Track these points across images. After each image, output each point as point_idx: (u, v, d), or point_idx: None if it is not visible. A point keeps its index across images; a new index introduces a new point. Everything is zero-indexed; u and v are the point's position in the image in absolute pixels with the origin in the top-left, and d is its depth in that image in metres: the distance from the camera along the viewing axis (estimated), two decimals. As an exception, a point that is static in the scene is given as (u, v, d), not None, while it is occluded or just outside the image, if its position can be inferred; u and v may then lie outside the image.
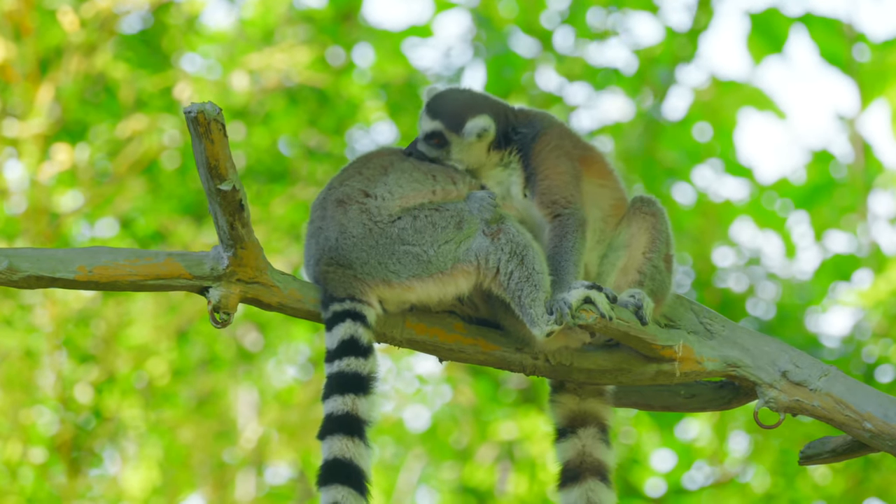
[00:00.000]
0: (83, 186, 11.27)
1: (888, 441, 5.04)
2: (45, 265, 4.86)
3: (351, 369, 4.90)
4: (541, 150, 5.17)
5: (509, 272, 4.95)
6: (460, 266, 4.98)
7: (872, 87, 14.33)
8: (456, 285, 5.00)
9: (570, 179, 5.12)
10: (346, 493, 4.78)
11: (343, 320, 4.94)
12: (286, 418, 13.11)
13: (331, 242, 5.00)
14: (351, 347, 4.92)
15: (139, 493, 12.35)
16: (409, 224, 5.00)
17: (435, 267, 4.97)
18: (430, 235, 4.99)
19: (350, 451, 4.82)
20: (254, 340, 13.16)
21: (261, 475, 13.26)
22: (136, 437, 12.04)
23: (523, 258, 4.95)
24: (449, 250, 4.98)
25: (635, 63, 13.62)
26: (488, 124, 5.13)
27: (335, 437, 4.83)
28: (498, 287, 4.98)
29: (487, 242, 4.97)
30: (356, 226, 5.01)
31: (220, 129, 4.75)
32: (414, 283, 4.98)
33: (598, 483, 5.19)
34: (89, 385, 11.20)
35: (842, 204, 14.09)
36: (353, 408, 4.86)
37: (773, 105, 14.55)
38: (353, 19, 13.09)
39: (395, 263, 4.98)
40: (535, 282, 4.94)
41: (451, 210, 5.03)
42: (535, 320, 4.94)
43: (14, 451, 10.97)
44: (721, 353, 5.17)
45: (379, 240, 5.00)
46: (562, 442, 5.25)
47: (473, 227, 5.00)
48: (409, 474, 14.11)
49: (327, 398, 4.89)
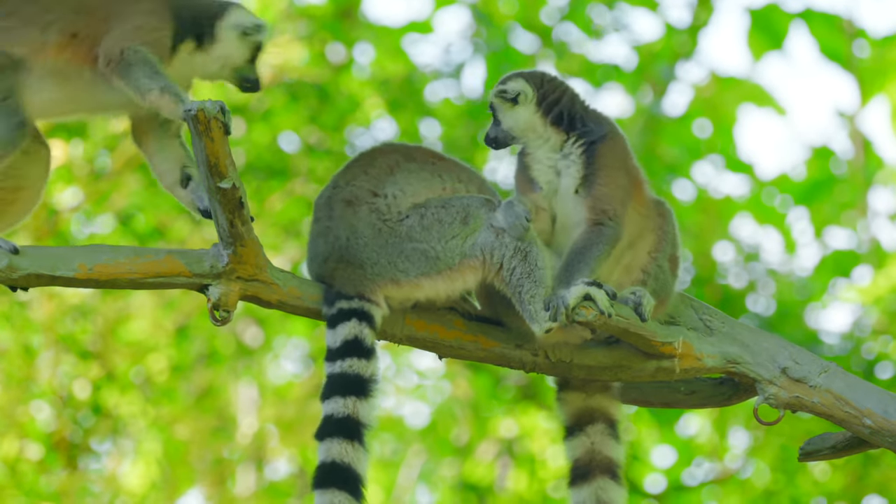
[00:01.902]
0: (79, 183, 11.26)
1: (888, 437, 5.04)
2: (45, 263, 4.87)
3: (353, 371, 4.91)
4: (606, 154, 5.15)
5: (512, 268, 4.97)
6: (467, 261, 5.01)
7: (872, 82, 14.33)
8: (464, 281, 5.04)
9: (623, 195, 5.13)
10: (343, 497, 4.80)
11: (349, 318, 4.95)
12: (284, 413, 13.11)
13: (341, 242, 5.01)
14: (355, 348, 4.92)
15: (138, 489, 12.35)
16: (417, 222, 5.02)
17: (444, 263, 4.99)
18: (437, 231, 5.01)
19: (349, 456, 4.83)
20: (254, 336, 13.16)
21: (260, 471, 13.26)
22: (135, 433, 12.04)
23: (527, 255, 4.97)
24: (456, 245, 5.00)
25: (635, 59, 13.62)
26: (522, 87, 5.12)
27: (334, 440, 4.83)
28: (500, 282, 5.00)
29: (493, 238, 4.99)
30: (366, 226, 5.02)
31: (219, 126, 4.75)
32: (423, 280, 5.00)
33: (608, 481, 5.20)
34: (87, 381, 11.20)
35: (842, 200, 14.08)
36: (353, 411, 4.86)
37: (773, 101, 14.55)
38: (352, 16, 13.08)
39: (405, 262, 4.99)
40: (537, 278, 4.95)
41: (457, 205, 5.05)
42: (535, 317, 4.95)
43: (11, 447, 10.97)
44: (721, 350, 5.17)
45: (389, 239, 5.02)
46: (571, 440, 5.26)
47: (479, 221, 5.02)
48: (409, 470, 14.12)
49: (328, 398, 4.89)
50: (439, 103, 12.88)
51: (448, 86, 13.14)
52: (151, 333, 11.71)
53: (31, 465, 11.05)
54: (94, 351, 11.29)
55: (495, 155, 12.90)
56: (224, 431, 12.98)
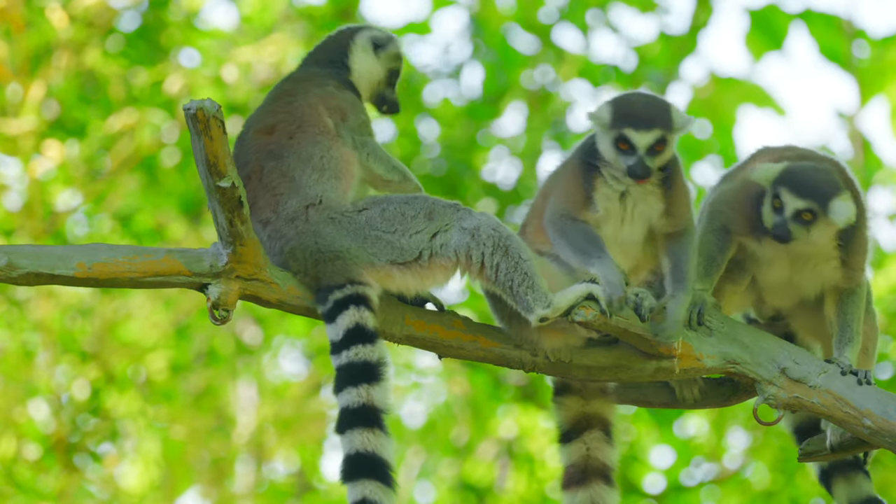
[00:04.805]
0: (77, 183, 11.26)
1: (887, 438, 5.04)
2: (44, 262, 4.86)
3: (360, 358, 4.90)
4: (677, 178, 5.24)
5: (495, 264, 4.96)
6: (437, 261, 5.00)
7: (872, 83, 14.32)
8: (434, 279, 5.04)
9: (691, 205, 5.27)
10: (374, 487, 4.80)
11: (346, 307, 4.94)
12: (282, 412, 13.11)
13: (311, 248, 5.01)
14: (357, 335, 4.92)
15: (136, 488, 12.35)
16: (378, 214, 5.04)
17: (409, 254, 4.98)
18: (400, 224, 5.02)
19: (372, 444, 4.83)
20: (253, 334, 13.16)
21: (259, 471, 13.26)
22: (134, 433, 12.03)
23: (507, 249, 4.96)
24: (421, 240, 5.00)
25: (634, 60, 13.62)
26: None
27: (355, 430, 4.83)
28: (486, 281, 5.00)
29: (468, 238, 4.98)
30: (325, 224, 5.03)
31: (219, 125, 4.76)
32: (393, 270, 5.00)
33: (602, 486, 5.21)
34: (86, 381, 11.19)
35: (841, 200, 14.04)
36: (367, 398, 4.86)
37: (773, 102, 14.54)
38: (351, 16, 13.08)
39: (372, 247, 5.01)
40: (524, 269, 4.94)
41: (421, 202, 5.06)
42: (530, 306, 4.94)
43: (9, 447, 10.96)
44: (720, 350, 5.17)
45: (349, 227, 5.02)
46: (566, 446, 5.28)
47: (446, 219, 5.01)
48: (408, 470, 14.12)
49: (340, 391, 4.89)
50: (438, 104, 12.88)
51: (447, 86, 13.15)
52: (149, 333, 11.70)
53: (29, 466, 11.04)
54: (93, 351, 11.29)
55: (494, 155, 12.91)
56: (223, 431, 12.98)
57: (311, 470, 13.95)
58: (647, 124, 5.05)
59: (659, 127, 5.06)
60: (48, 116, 11.19)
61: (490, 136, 12.98)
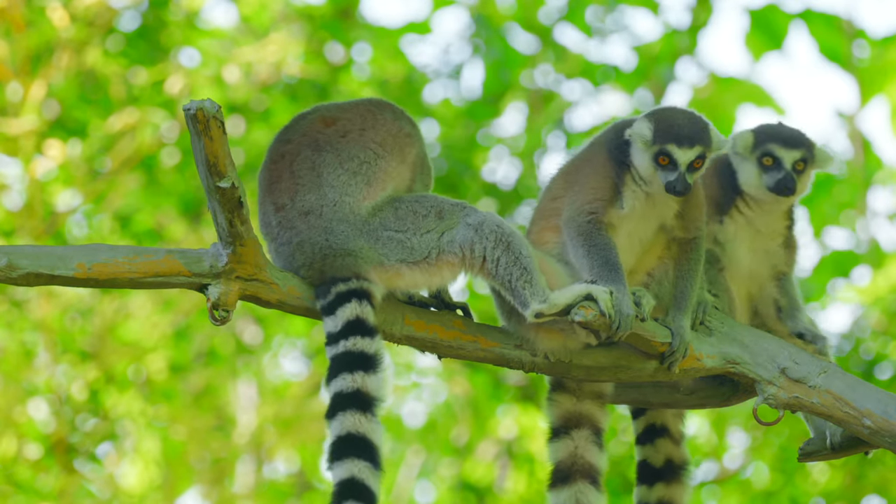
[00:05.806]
0: (77, 183, 11.26)
1: (887, 437, 5.04)
2: (44, 262, 4.85)
3: (358, 348, 4.88)
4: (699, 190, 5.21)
5: (496, 259, 4.96)
6: (445, 258, 5.01)
7: (872, 83, 14.32)
8: (441, 276, 5.04)
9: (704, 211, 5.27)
10: (363, 465, 4.71)
11: (349, 300, 4.93)
12: (283, 412, 13.11)
13: (321, 243, 5.00)
14: (357, 327, 4.90)
15: (136, 488, 12.35)
16: (391, 213, 5.03)
17: (419, 254, 4.99)
18: (412, 223, 5.02)
19: (363, 426, 4.75)
20: (253, 334, 13.16)
21: (260, 471, 13.26)
22: (134, 433, 12.03)
23: (509, 244, 4.97)
24: (431, 239, 5.00)
25: (634, 60, 13.62)
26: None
27: (346, 412, 4.76)
28: (487, 275, 5.01)
29: (472, 233, 4.99)
30: (338, 223, 5.02)
31: (219, 126, 4.75)
32: (403, 268, 5.00)
33: (587, 486, 5.21)
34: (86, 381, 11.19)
35: (841, 200, 14.07)
36: (362, 385, 4.82)
37: (773, 101, 14.55)
38: (351, 15, 13.08)
39: (383, 247, 5.00)
40: (524, 265, 4.95)
41: (430, 200, 5.06)
42: (527, 301, 4.94)
43: (9, 447, 10.96)
44: (720, 350, 5.17)
45: (363, 228, 5.01)
46: (555, 441, 5.27)
47: (454, 217, 5.02)
48: (408, 470, 14.12)
49: (334, 378, 4.83)
50: (438, 104, 12.88)
51: (447, 86, 13.15)
52: (149, 333, 11.70)
53: (29, 465, 11.04)
54: (93, 351, 11.28)
55: (494, 155, 12.91)
56: (223, 431, 12.98)
57: (311, 470, 13.96)
58: (689, 141, 5.06)
59: (700, 144, 5.07)
60: (49, 116, 11.19)
61: (490, 135, 12.98)
